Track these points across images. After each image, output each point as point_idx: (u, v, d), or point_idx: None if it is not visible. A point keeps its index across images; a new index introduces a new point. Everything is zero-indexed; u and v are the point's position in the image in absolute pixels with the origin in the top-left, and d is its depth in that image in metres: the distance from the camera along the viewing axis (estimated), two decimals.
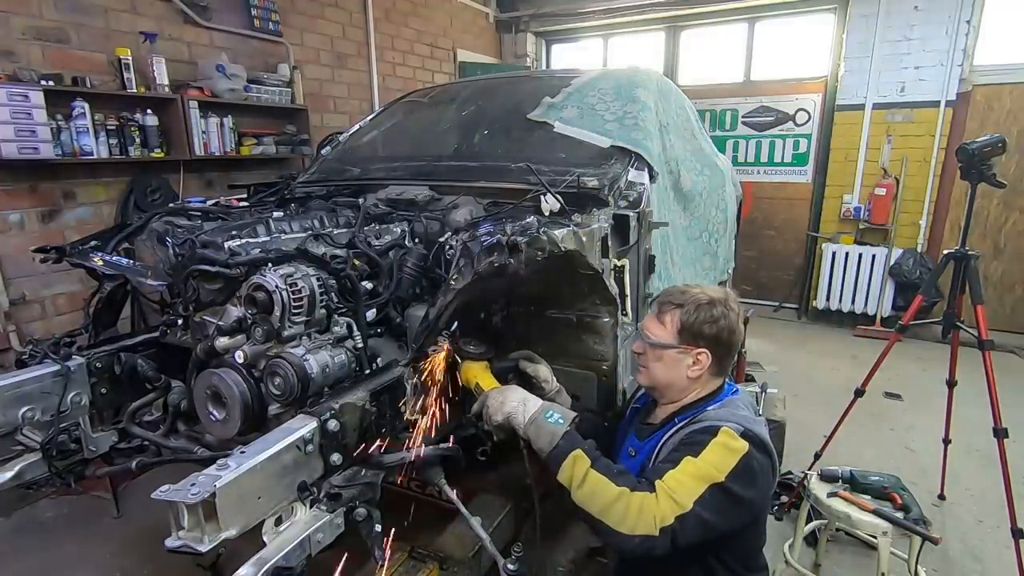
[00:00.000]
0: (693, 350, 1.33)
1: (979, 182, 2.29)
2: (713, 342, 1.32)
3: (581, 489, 1.18)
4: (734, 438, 1.20)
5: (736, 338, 1.35)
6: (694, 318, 1.32)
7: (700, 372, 1.34)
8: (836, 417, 2.74)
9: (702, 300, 1.33)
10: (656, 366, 1.38)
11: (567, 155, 2.17)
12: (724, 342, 1.33)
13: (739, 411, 1.30)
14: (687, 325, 1.33)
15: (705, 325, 1.32)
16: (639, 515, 1.12)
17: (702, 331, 1.32)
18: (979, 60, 4.86)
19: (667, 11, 6.02)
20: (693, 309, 1.33)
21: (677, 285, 1.44)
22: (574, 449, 1.22)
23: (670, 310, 1.36)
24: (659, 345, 1.36)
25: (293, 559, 1.08)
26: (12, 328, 2.93)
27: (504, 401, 1.34)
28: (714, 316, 1.32)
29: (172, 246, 1.68)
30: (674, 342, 1.34)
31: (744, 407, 1.33)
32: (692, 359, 1.33)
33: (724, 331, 1.32)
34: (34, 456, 1.55)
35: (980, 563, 2.40)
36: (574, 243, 1.48)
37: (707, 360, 1.33)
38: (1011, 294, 5.11)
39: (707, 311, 1.32)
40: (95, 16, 3.15)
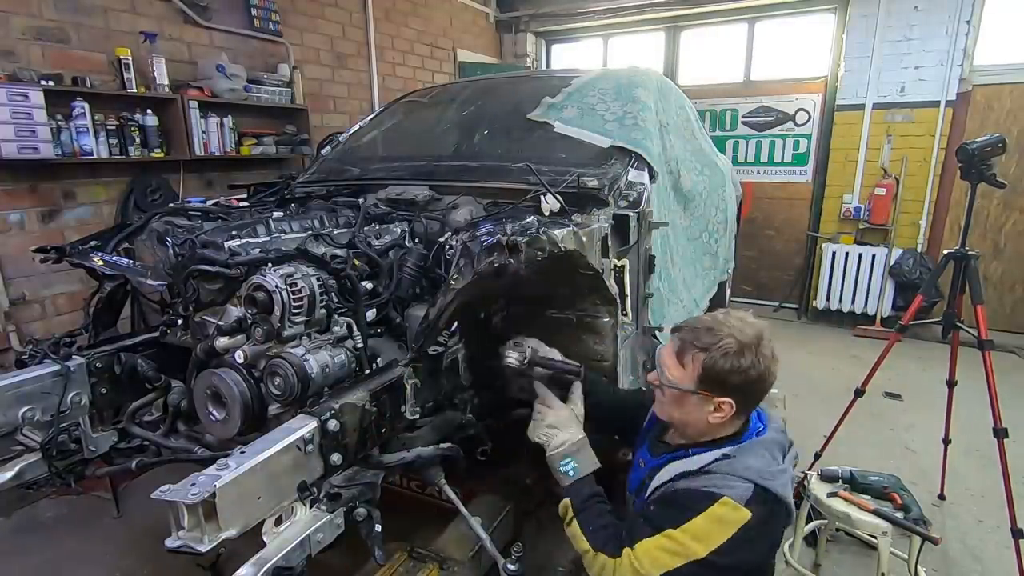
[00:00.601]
0: (715, 399, 1.18)
1: (979, 182, 2.29)
2: (739, 392, 1.18)
3: (568, 528, 1.30)
4: (734, 509, 1.09)
5: (767, 385, 1.20)
6: (720, 366, 1.16)
7: (722, 419, 1.20)
8: (836, 417, 2.74)
9: (730, 348, 1.15)
10: (671, 407, 1.27)
11: (567, 155, 2.17)
12: (753, 392, 1.20)
13: (756, 459, 1.16)
14: (711, 373, 1.17)
15: (732, 375, 1.15)
16: (600, 573, 1.19)
17: (728, 380, 1.16)
18: (979, 60, 4.86)
19: (667, 11, 6.01)
20: (720, 356, 1.16)
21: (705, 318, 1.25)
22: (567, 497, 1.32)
23: (692, 352, 1.19)
24: (677, 388, 1.22)
25: (293, 559, 1.09)
26: (12, 328, 2.93)
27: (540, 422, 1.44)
28: (742, 366, 1.15)
29: (172, 246, 1.68)
30: (693, 387, 1.20)
31: (765, 452, 1.19)
32: (714, 407, 1.19)
33: (754, 382, 1.17)
34: (34, 456, 1.56)
35: (980, 563, 2.40)
36: (574, 243, 1.48)
37: (731, 409, 1.19)
38: (1011, 294, 5.11)
39: (735, 360, 1.15)
40: (95, 16, 3.15)
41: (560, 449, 1.37)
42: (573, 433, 1.40)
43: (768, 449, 1.20)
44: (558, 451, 1.37)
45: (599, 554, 1.19)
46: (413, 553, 1.74)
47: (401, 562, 1.70)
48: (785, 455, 1.23)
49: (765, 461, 1.17)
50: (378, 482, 1.30)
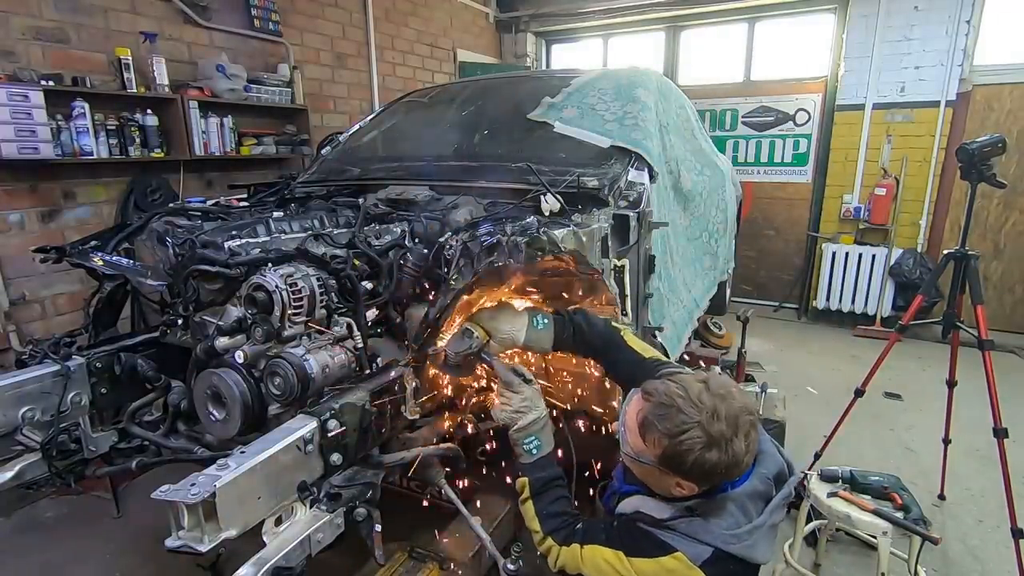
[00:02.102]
0: (676, 477, 1.10)
1: (979, 182, 2.29)
2: (703, 478, 1.08)
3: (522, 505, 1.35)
4: (687, 566, 1.05)
5: (737, 470, 1.08)
6: (683, 459, 1.05)
7: (684, 494, 1.12)
8: (836, 417, 2.74)
9: (696, 443, 1.03)
10: (634, 467, 1.19)
11: (567, 155, 2.17)
12: (718, 478, 1.09)
13: (721, 522, 1.08)
14: (672, 459, 1.07)
15: (696, 467, 1.05)
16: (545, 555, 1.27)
17: (690, 471, 1.06)
18: (979, 60, 4.86)
19: (667, 11, 6.01)
20: (684, 450, 1.04)
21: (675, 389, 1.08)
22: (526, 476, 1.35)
23: (656, 434, 1.07)
24: (635, 460, 1.15)
25: (293, 559, 1.09)
26: (12, 328, 2.93)
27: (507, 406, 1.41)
28: (708, 461, 1.04)
29: (172, 246, 1.68)
30: (654, 463, 1.10)
31: (736, 509, 1.10)
32: (675, 482, 1.11)
33: (721, 471, 1.06)
34: (34, 456, 1.56)
35: (980, 563, 2.40)
36: (574, 243, 1.48)
37: (693, 490, 1.11)
38: (1011, 294, 5.11)
39: (700, 455, 1.04)
40: (95, 16, 3.15)
41: (525, 429, 1.37)
42: (539, 412, 1.40)
43: (741, 505, 1.11)
44: (523, 431, 1.37)
45: (547, 538, 1.26)
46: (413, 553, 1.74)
47: (401, 562, 1.70)
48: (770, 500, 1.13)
49: (733, 521, 1.09)
50: (378, 482, 1.31)
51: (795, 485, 1.19)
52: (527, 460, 1.36)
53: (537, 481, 1.33)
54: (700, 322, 4.09)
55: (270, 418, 1.38)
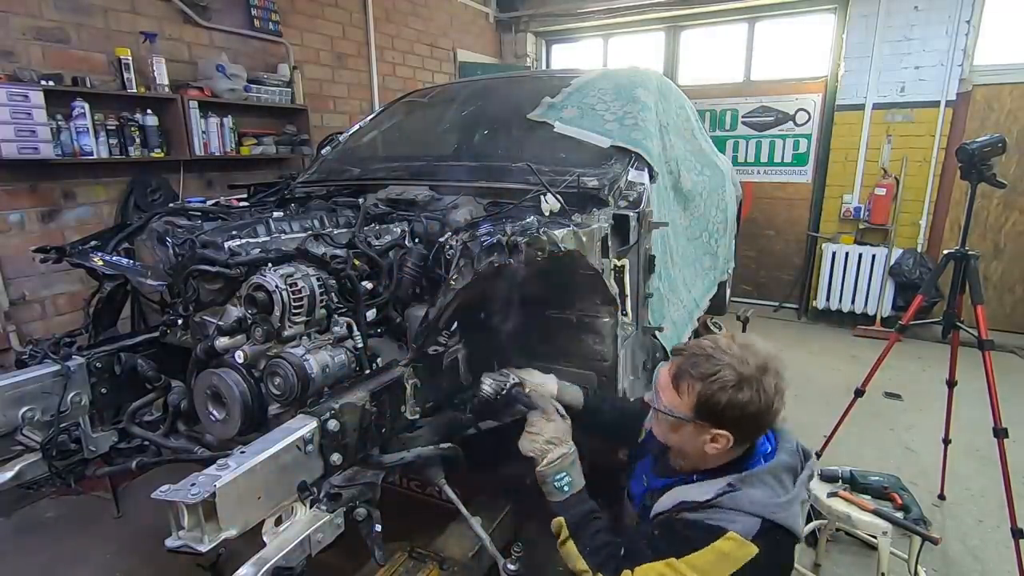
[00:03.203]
0: (712, 429, 1.12)
1: (979, 182, 2.29)
2: (736, 426, 1.11)
3: (562, 549, 1.26)
4: (741, 544, 1.04)
5: (769, 417, 1.12)
6: (717, 399, 1.09)
7: (719, 450, 1.14)
8: (836, 417, 2.74)
9: (728, 381, 1.09)
10: (666, 431, 1.21)
11: (567, 155, 2.17)
12: (751, 425, 1.12)
13: (762, 492, 1.10)
14: (707, 405, 1.11)
15: (729, 409, 1.09)
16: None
17: (724, 415, 1.10)
18: (979, 60, 4.86)
19: (667, 11, 6.01)
20: (717, 389, 1.09)
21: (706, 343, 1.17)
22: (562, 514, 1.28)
23: (689, 380, 1.13)
24: (671, 416, 1.17)
25: (293, 559, 1.09)
26: (12, 328, 2.93)
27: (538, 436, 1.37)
28: (740, 401, 1.08)
29: (172, 246, 1.69)
30: (689, 417, 1.14)
31: (773, 480, 1.12)
32: (710, 437, 1.13)
33: (753, 415, 1.10)
34: (34, 456, 1.56)
35: (980, 563, 2.40)
36: (574, 243, 1.48)
37: (728, 443, 1.13)
38: (1011, 294, 5.11)
39: (733, 395, 1.08)
40: (95, 16, 3.15)
41: (555, 464, 1.32)
42: (568, 446, 1.36)
43: (776, 477, 1.13)
44: (553, 466, 1.32)
45: (598, 574, 1.17)
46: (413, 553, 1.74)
47: (401, 562, 1.70)
48: (797, 477, 1.17)
49: (772, 492, 1.11)
50: (378, 482, 1.30)
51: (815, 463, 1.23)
52: (559, 498, 1.30)
53: (573, 519, 1.26)
54: (700, 322, 4.09)
55: (270, 418, 1.38)
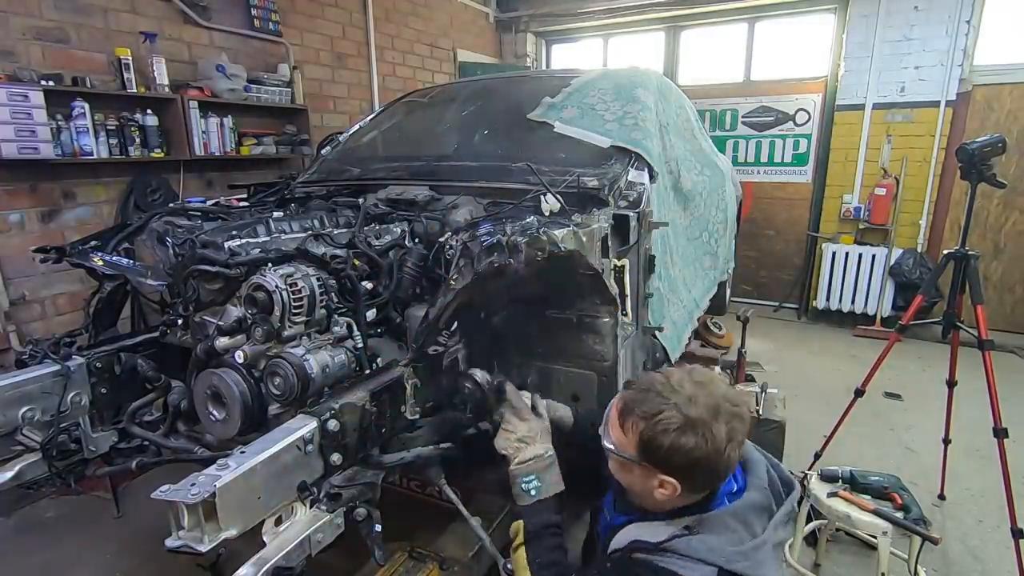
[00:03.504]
0: (658, 474, 1.04)
1: (979, 182, 2.29)
2: (683, 473, 1.02)
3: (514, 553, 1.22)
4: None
5: (720, 466, 1.02)
6: (659, 442, 1.01)
7: (670, 496, 1.05)
8: (836, 417, 2.74)
9: (671, 424, 1.00)
10: (617, 471, 1.13)
11: (567, 155, 2.17)
12: (701, 474, 1.02)
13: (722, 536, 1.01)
14: (649, 445, 1.02)
15: (673, 453, 1.00)
16: None
17: (667, 460, 1.01)
18: (979, 60, 4.86)
19: (667, 11, 6.01)
20: (658, 431, 1.01)
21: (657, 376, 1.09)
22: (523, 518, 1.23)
23: (633, 420, 1.05)
24: (616, 455, 1.09)
25: (293, 559, 1.09)
26: (12, 328, 2.93)
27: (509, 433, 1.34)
28: (683, 447, 0.99)
29: (172, 246, 1.69)
30: (634, 457, 1.05)
31: (738, 524, 1.03)
32: (658, 482, 1.04)
33: (700, 462, 1.00)
34: (34, 456, 1.56)
35: (980, 563, 2.40)
36: (574, 243, 1.48)
37: (675, 490, 1.03)
38: (1011, 294, 5.11)
39: (676, 438, 0.99)
40: (95, 16, 3.15)
41: (526, 465, 1.27)
42: (544, 449, 1.30)
43: (742, 519, 1.03)
44: (523, 466, 1.27)
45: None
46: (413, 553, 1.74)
47: (401, 562, 1.70)
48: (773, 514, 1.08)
49: (735, 537, 1.01)
50: (378, 482, 1.30)
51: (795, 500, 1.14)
52: (525, 502, 1.24)
53: (533, 526, 1.20)
54: (700, 322, 4.09)
55: (270, 418, 1.38)
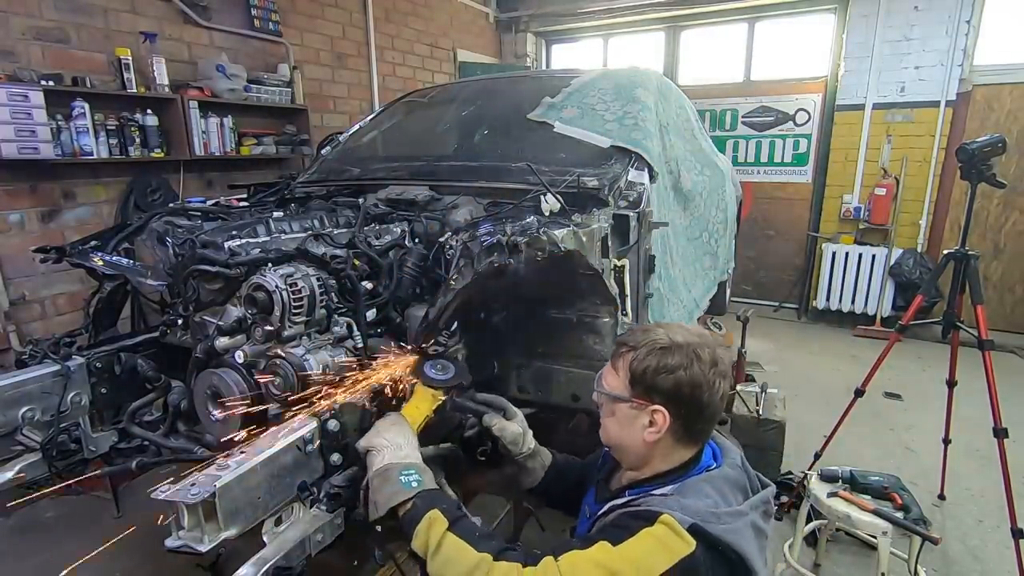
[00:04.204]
0: (648, 406, 1.04)
1: (979, 182, 2.29)
2: (671, 398, 1.03)
3: (436, 557, 0.97)
4: (676, 533, 0.90)
5: (705, 395, 1.03)
6: (644, 365, 1.03)
7: (657, 435, 1.04)
8: (836, 417, 2.74)
9: (659, 343, 1.04)
10: (609, 423, 1.12)
11: (567, 155, 2.17)
12: (685, 399, 1.02)
13: (699, 499, 0.98)
14: (637, 374, 1.05)
15: (660, 376, 1.02)
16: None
17: (655, 383, 1.03)
18: (979, 60, 4.86)
19: (667, 11, 6.02)
20: (644, 354, 1.04)
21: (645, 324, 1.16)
22: (430, 509, 1.02)
23: (623, 353, 1.09)
24: (609, 396, 1.10)
25: (293, 559, 1.08)
26: (12, 328, 2.93)
27: (380, 432, 1.17)
28: (669, 365, 1.02)
29: (172, 246, 1.69)
30: (624, 394, 1.07)
31: (712, 490, 1.01)
32: (648, 418, 1.04)
33: (684, 385, 1.01)
34: (34, 456, 1.56)
35: (980, 563, 2.40)
36: (574, 243, 1.48)
37: (664, 421, 1.03)
38: (1011, 294, 5.11)
39: (661, 357, 1.03)
40: (95, 16, 3.15)
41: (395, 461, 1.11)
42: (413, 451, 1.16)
43: (716, 487, 1.02)
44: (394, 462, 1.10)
45: (498, 562, 0.94)
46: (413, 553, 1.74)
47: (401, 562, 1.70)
48: (748, 496, 1.06)
49: (711, 501, 0.98)
50: None
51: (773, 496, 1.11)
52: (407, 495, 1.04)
53: (447, 509, 1.03)
54: (700, 322, 4.09)
55: (270, 418, 1.38)
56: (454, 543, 0.97)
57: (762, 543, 1.00)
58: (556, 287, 1.71)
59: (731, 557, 0.92)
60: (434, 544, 0.98)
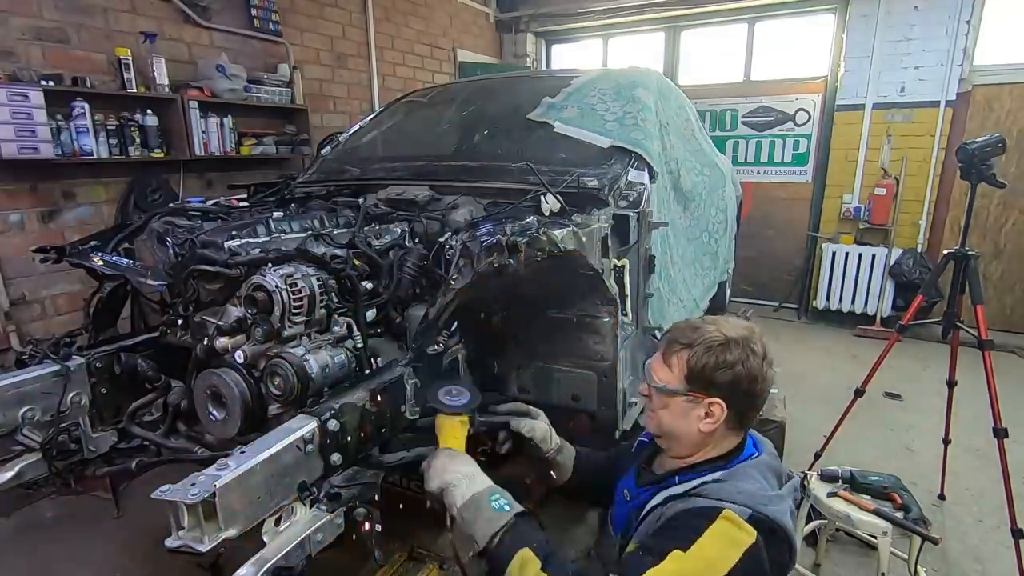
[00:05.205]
0: (704, 399, 1.10)
1: (979, 182, 2.29)
2: (729, 392, 1.09)
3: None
4: (738, 526, 0.96)
5: (760, 387, 1.10)
6: (704, 362, 1.09)
7: (714, 426, 1.11)
8: (836, 417, 2.74)
9: (715, 340, 1.10)
10: (663, 414, 1.16)
11: (567, 155, 2.17)
12: (743, 392, 1.09)
13: (750, 483, 1.05)
14: (696, 370, 1.10)
15: (718, 371, 1.09)
16: None
17: (714, 378, 1.09)
18: (979, 60, 4.86)
19: (667, 11, 6.01)
20: (703, 351, 1.10)
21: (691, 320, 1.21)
22: (522, 548, 1.01)
23: (677, 350, 1.14)
24: (664, 391, 1.14)
25: (293, 559, 1.08)
26: (12, 328, 2.93)
27: (446, 467, 1.17)
28: (729, 361, 1.08)
29: (172, 246, 1.69)
30: (681, 388, 1.12)
31: (760, 476, 1.08)
32: (704, 410, 1.11)
33: (742, 379, 1.08)
34: (34, 456, 1.56)
35: (980, 563, 2.40)
36: (574, 243, 1.48)
37: (721, 412, 1.09)
38: (1011, 294, 5.11)
39: (720, 354, 1.09)
40: (95, 16, 3.15)
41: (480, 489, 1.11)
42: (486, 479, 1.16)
43: (762, 473, 1.10)
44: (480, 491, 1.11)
45: None
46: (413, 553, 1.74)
47: (401, 562, 1.70)
48: (782, 483, 1.12)
49: (759, 486, 1.06)
50: (378, 482, 1.30)
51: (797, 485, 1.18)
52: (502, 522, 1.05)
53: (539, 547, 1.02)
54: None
55: (270, 418, 1.38)
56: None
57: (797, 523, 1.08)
58: (556, 287, 1.71)
59: (781, 536, 1.00)
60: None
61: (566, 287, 1.70)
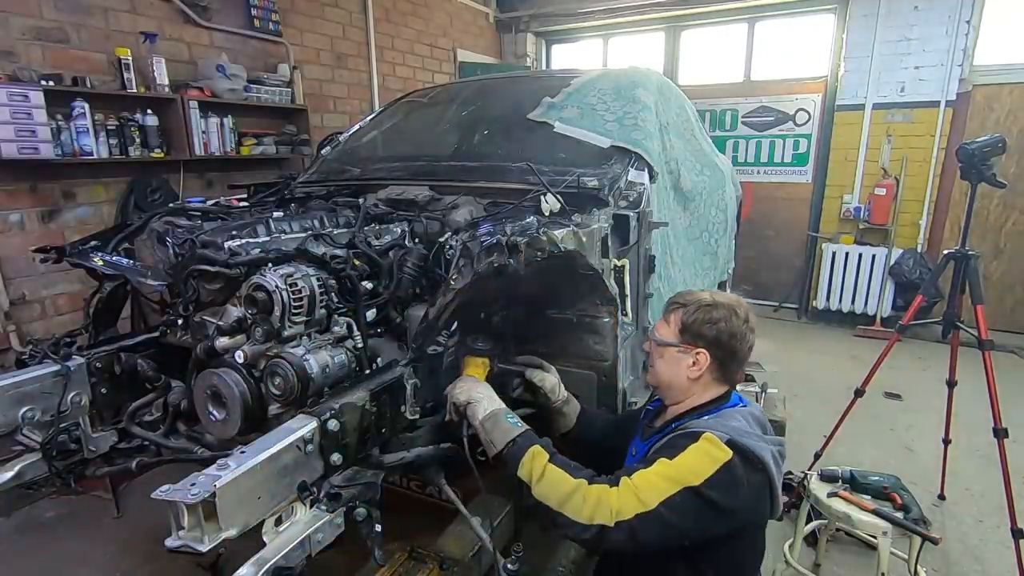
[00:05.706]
0: (692, 349, 1.33)
1: (979, 182, 2.29)
2: (712, 344, 1.32)
3: (540, 483, 1.20)
4: (716, 445, 1.17)
5: (738, 343, 1.33)
6: (693, 318, 1.34)
7: (699, 373, 1.33)
8: (836, 417, 2.74)
9: (705, 301, 1.35)
10: (659, 363, 1.40)
11: (567, 155, 2.17)
12: (724, 345, 1.32)
13: (734, 422, 1.26)
14: (687, 324, 1.34)
15: (705, 326, 1.32)
16: (596, 506, 1.14)
17: (701, 332, 1.32)
18: (979, 60, 4.86)
19: (667, 11, 6.02)
20: (694, 309, 1.34)
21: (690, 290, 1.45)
22: (532, 445, 1.26)
23: (674, 309, 1.39)
24: (661, 343, 1.38)
25: (293, 559, 1.08)
26: (12, 328, 2.93)
27: (472, 388, 1.40)
28: (714, 318, 1.32)
29: (172, 246, 1.68)
30: (675, 340, 1.36)
31: (743, 420, 1.29)
32: (692, 359, 1.34)
33: (724, 334, 1.31)
34: (34, 456, 1.56)
35: (980, 563, 2.40)
36: (574, 243, 1.48)
37: (705, 360, 1.33)
38: (1011, 294, 5.11)
39: (707, 312, 1.33)
40: (95, 16, 3.16)
41: (498, 407, 1.34)
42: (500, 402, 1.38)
43: (745, 418, 1.29)
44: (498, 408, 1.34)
45: (592, 485, 1.18)
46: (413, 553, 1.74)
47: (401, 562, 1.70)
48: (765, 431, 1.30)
49: (741, 424, 1.25)
50: (378, 482, 1.30)
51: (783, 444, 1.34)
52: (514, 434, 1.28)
53: (546, 446, 1.27)
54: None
55: (270, 418, 1.38)
56: (555, 471, 1.21)
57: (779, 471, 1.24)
58: (556, 287, 1.71)
59: (757, 465, 1.19)
60: (538, 473, 1.21)
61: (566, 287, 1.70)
